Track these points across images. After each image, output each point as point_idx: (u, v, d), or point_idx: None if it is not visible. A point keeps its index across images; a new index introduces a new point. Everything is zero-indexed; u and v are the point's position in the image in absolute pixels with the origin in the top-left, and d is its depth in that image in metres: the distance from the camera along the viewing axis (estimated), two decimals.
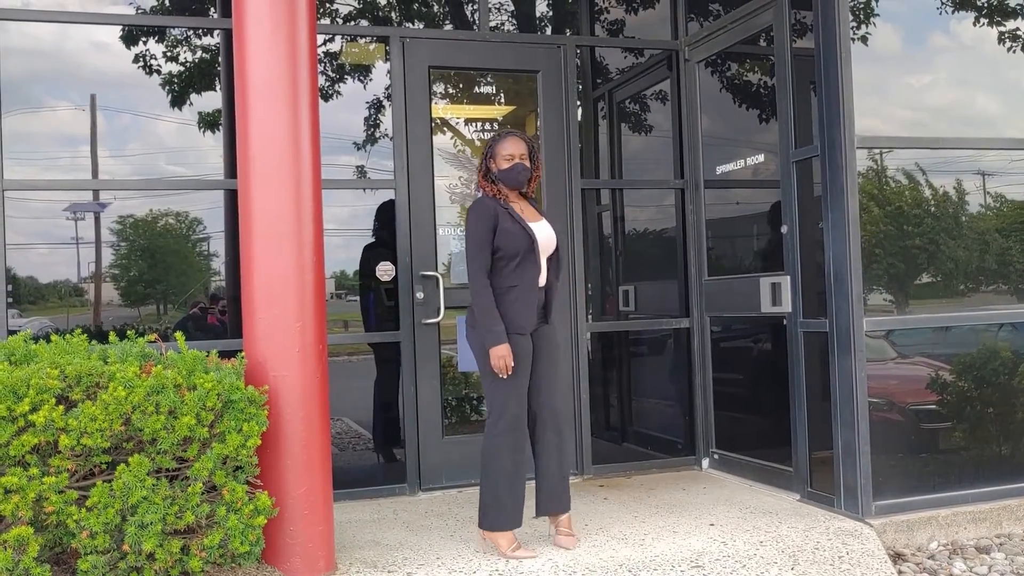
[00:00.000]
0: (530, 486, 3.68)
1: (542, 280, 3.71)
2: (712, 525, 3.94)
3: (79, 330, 3.40)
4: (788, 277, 4.44)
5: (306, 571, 3.29)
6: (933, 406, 4.33)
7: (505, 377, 3.57)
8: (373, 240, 4.96)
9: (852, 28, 4.16)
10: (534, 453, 3.73)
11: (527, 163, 3.73)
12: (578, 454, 5.01)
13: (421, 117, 4.86)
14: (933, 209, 4.45)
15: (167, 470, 3.02)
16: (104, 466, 2.96)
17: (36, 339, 3.34)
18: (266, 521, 3.13)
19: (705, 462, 5.21)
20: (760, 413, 5.00)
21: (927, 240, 4.39)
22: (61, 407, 2.84)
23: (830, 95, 4.11)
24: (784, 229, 4.47)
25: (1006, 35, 4.57)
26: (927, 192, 4.43)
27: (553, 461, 3.70)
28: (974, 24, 4.57)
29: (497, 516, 3.58)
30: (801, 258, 4.39)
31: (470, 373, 5.09)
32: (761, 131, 4.92)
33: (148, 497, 2.90)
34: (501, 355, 3.53)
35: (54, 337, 3.28)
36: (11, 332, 4.06)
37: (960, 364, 4.37)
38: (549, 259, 3.76)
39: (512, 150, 3.71)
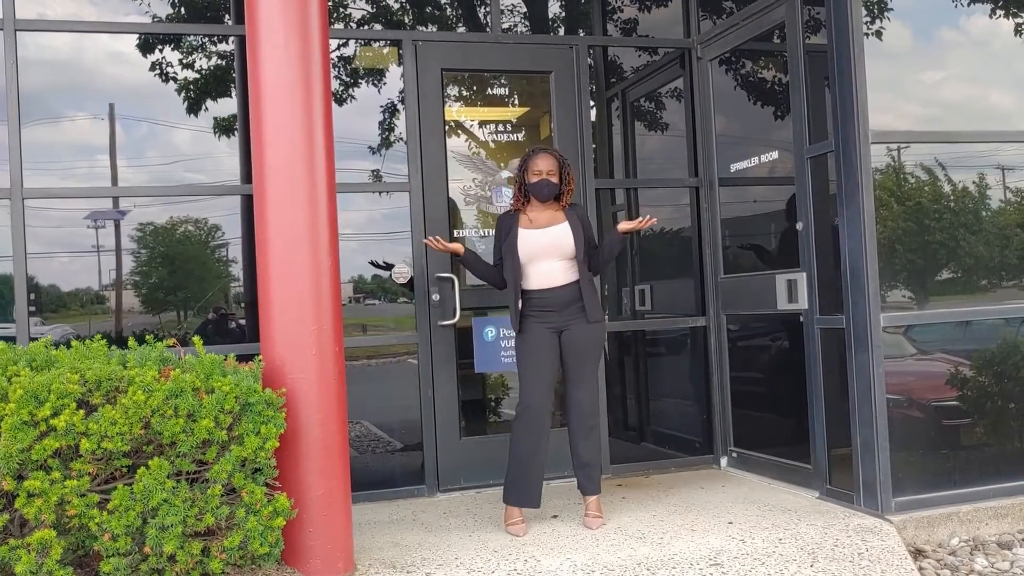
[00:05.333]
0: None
1: (550, 281, 4.02)
2: (731, 523, 3.93)
3: (99, 336, 3.44)
4: (804, 274, 4.42)
5: (325, 572, 3.31)
6: (953, 402, 4.29)
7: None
8: None
9: (865, 23, 4.14)
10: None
11: (554, 179, 4.06)
12: None
13: (434, 120, 4.88)
14: (952, 204, 4.42)
15: (187, 473, 3.05)
16: (125, 469, 2.99)
17: (57, 345, 3.38)
18: (285, 522, 3.15)
19: (723, 460, 5.19)
20: (778, 411, 4.98)
21: (947, 235, 4.36)
22: (82, 411, 2.87)
23: (844, 91, 4.10)
24: (800, 226, 4.46)
25: (1023, 26, 4.53)
26: (946, 187, 4.40)
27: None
28: (990, 16, 4.53)
29: None
30: (817, 254, 4.37)
31: (487, 374, 5.11)
32: (775, 128, 4.91)
33: (168, 500, 2.93)
34: None
35: (74, 343, 3.32)
36: (33, 340, 4.11)
37: (980, 360, 4.33)
38: (574, 258, 4.02)
39: (542, 166, 4.04)
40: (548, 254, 4.02)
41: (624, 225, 4.09)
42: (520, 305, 4.04)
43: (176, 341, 3.46)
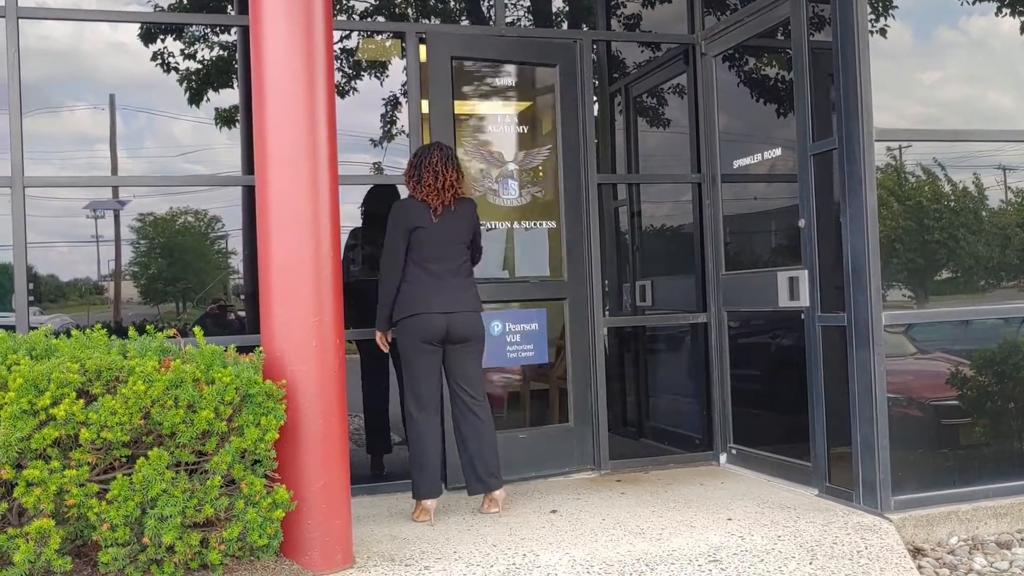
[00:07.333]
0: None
1: None
2: (730, 520, 3.93)
3: (99, 325, 3.43)
4: (806, 271, 4.42)
5: (324, 564, 3.30)
6: (953, 401, 4.29)
7: None
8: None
9: (870, 21, 4.13)
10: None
11: None
12: (595, 449, 5.01)
13: (438, 112, 4.85)
14: (953, 204, 4.41)
15: (186, 464, 3.04)
16: (124, 459, 2.98)
17: (56, 334, 3.37)
18: (284, 514, 3.15)
19: (723, 457, 5.19)
20: (778, 408, 4.98)
21: (947, 235, 4.36)
22: (81, 401, 2.86)
23: (848, 88, 4.08)
24: (802, 223, 4.45)
25: None
26: (946, 187, 4.40)
27: None
28: (996, 14, 4.52)
29: None
30: (819, 252, 4.36)
31: (484, 368, 5.09)
32: (778, 125, 4.90)
33: (167, 490, 2.92)
34: None
35: (74, 332, 3.31)
36: (33, 329, 4.10)
37: (980, 359, 4.33)
38: None
39: None
40: None
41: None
42: None
43: (176, 331, 3.45)
